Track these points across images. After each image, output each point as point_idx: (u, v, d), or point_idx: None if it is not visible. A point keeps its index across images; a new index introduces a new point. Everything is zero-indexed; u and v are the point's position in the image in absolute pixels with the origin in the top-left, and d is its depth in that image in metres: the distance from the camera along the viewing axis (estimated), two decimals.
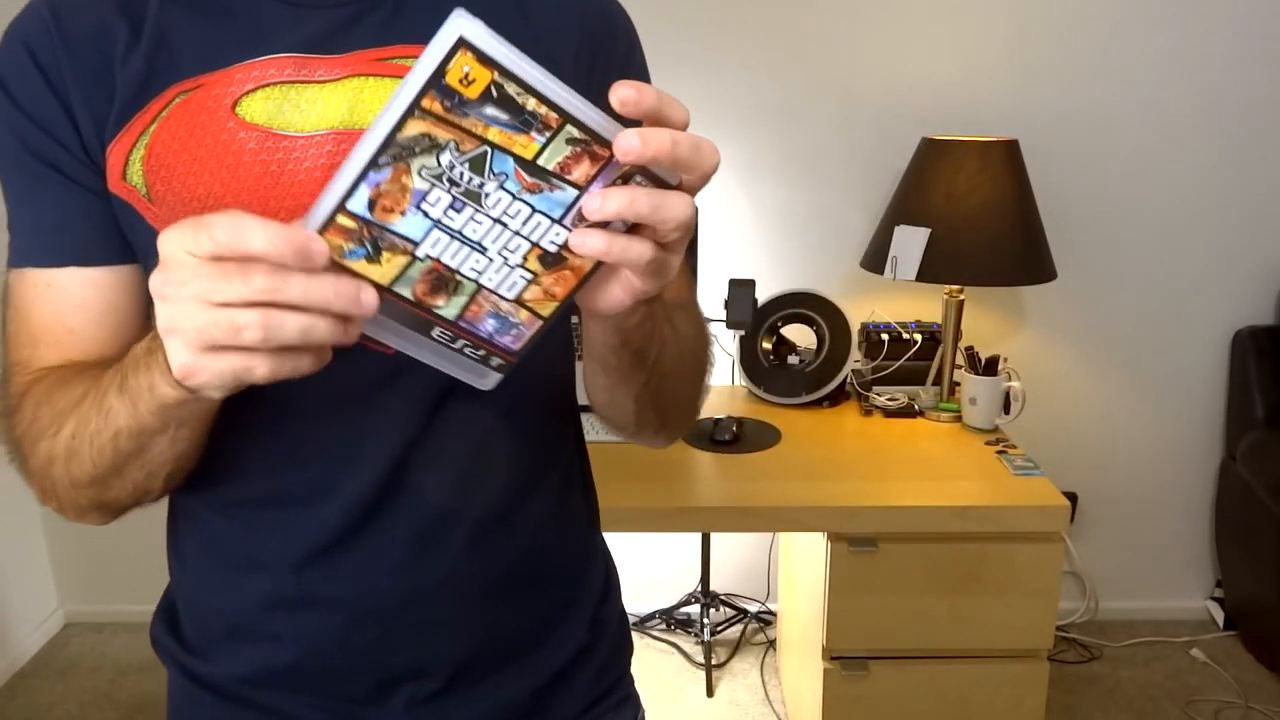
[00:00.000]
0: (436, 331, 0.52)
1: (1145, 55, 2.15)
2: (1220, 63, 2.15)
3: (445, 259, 0.49)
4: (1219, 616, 2.41)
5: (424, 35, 0.57)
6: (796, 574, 1.99)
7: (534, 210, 0.49)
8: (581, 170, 0.48)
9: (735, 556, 2.44)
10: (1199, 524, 2.43)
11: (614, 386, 0.67)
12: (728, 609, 2.45)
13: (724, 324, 1.92)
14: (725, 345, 2.24)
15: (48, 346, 0.65)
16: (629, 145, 0.45)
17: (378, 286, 0.48)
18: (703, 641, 2.32)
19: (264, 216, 0.53)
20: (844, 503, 1.56)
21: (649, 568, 2.44)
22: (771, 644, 2.37)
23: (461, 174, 0.47)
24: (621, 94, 0.45)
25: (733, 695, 2.20)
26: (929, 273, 1.86)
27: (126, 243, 0.65)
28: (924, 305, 2.20)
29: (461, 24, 0.43)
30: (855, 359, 2.03)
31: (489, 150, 0.47)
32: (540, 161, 0.47)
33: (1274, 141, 2.19)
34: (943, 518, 1.55)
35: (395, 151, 0.46)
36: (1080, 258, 2.24)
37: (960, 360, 1.94)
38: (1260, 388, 2.21)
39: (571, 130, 0.46)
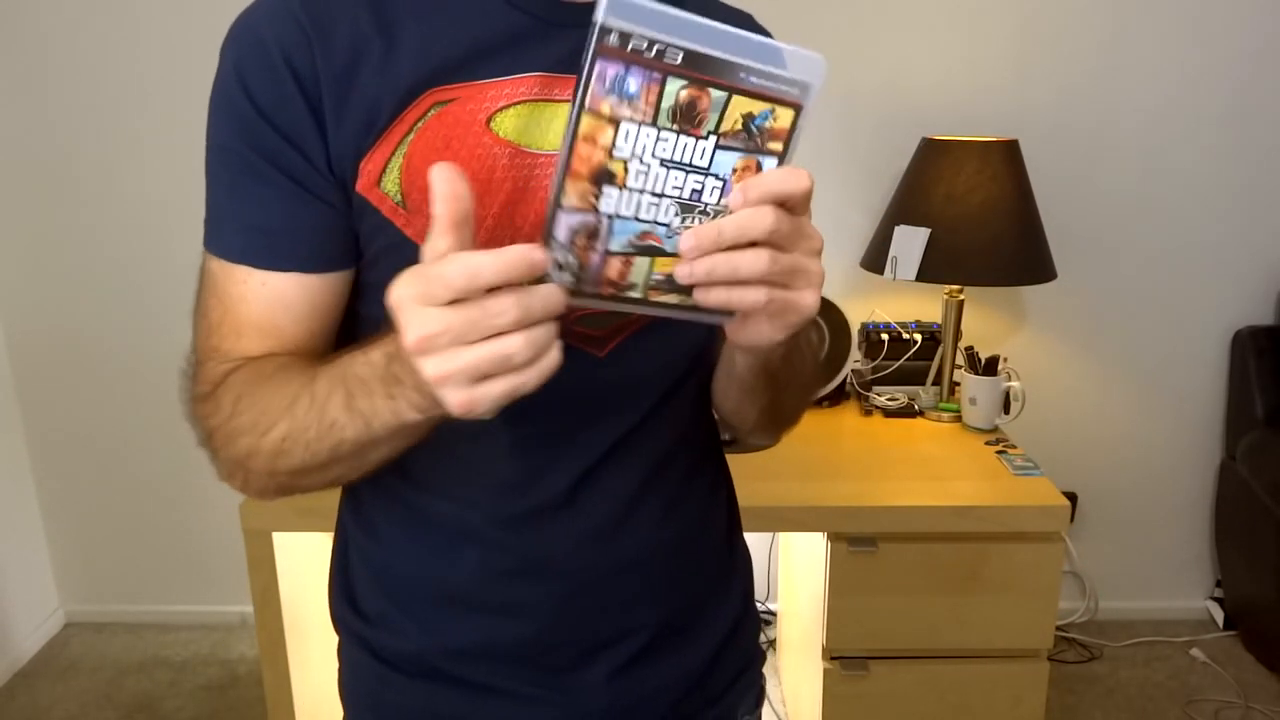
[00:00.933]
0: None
1: (1145, 55, 2.15)
2: (1219, 62, 2.15)
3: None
4: (1219, 616, 2.41)
5: None
6: (796, 574, 1.99)
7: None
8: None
9: None
10: (1199, 524, 2.43)
11: (744, 400, 0.75)
12: None
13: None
14: None
15: (252, 340, 0.65)
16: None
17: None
18: None
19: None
20: (844, 503, 1.56)
21: None
22: (771, 644, 2.37)
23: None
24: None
25: None
26: (929, 273, 1.86)
27: (344, 250, 0.66)
28: (924, 305, 2.20)
29: None
30: (855, 359, 2.03)
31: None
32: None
33: (1274, 141, 2.19)
34: (943, 518, 1.55)
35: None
36: (1080, 258, 2.24)
37: (960, 360, 1.94)
38: (1260, 388, 2.21)
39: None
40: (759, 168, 0.56)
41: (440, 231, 0.49)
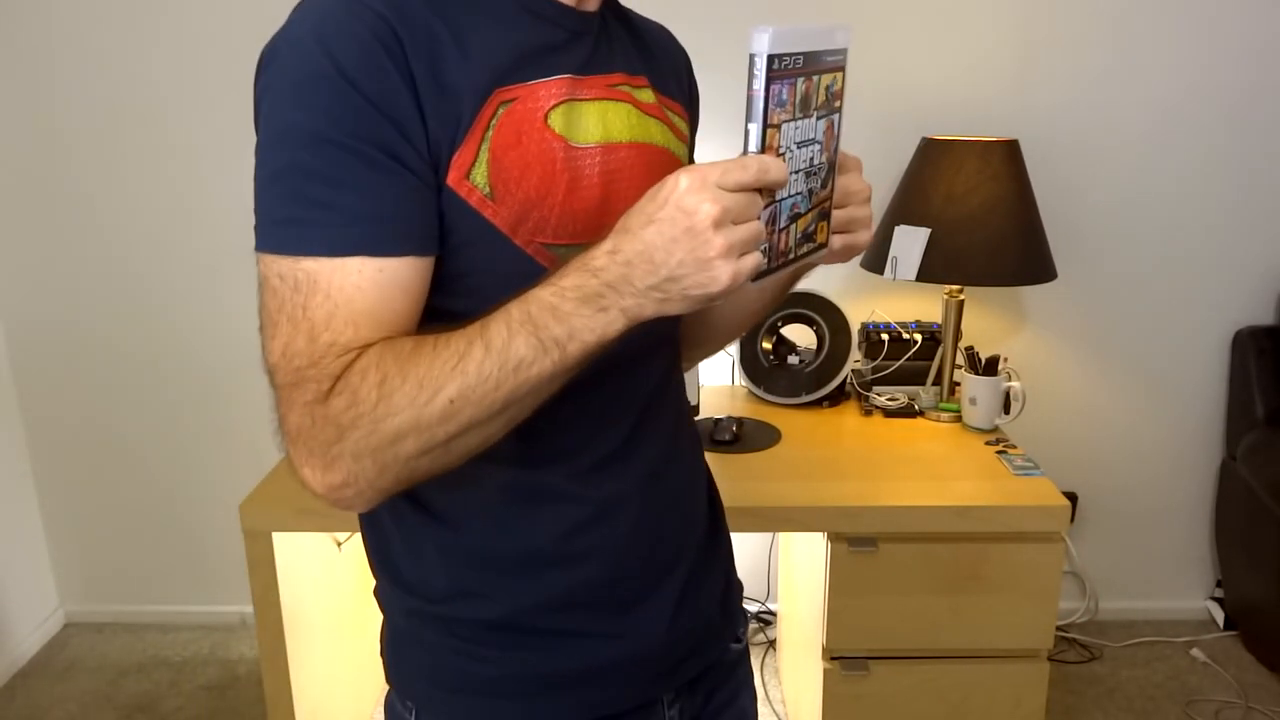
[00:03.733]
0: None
1: (1145, 55, 2.15)
2: (1220, 62, 2.15)
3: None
4: (1219, 616, 2.41)
5: (623, 66, 0.83)
6: (796, 574, 1.99)
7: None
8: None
9: (735, 556, 2.44)
10: (1199, 524, 2.43)
11: (739, 329, 0.99)
12: None
13: None
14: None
15: (368, 329, 0.67)
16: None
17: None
18: None
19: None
20: (844, 503, 1.56)
21: None
22: (771, 644, 2.37)
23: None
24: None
25: None
26: (929, 273, 1.86)
27: (439, 234, 0.71)
28: (924, 305, 2.20)
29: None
30: (855, 359, 2.03)
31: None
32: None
33: (1274, 141, 2.19)
34: (943, 518, 1.55)
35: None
36: (1080, 258, 2.24)
37: (960, 360, 1.94)
38: (1260, 388, 2.21)
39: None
40: (834, 124, 0.71)
41: (755, 172, 0.63)
